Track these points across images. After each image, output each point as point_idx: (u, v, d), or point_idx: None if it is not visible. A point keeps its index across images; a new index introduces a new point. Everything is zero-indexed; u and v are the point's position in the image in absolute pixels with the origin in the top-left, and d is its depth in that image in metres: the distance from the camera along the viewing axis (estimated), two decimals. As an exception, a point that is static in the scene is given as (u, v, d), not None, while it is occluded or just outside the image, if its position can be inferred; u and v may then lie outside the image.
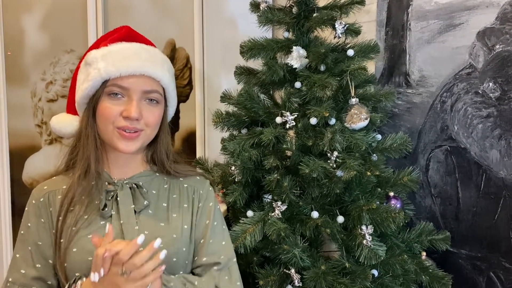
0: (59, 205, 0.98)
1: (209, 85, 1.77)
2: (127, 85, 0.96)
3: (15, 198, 2.15)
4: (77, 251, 0.94)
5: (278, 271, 1.20)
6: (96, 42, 1.07)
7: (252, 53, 1.30)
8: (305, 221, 1.21)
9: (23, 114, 2.08)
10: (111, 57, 0.97)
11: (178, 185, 1.07)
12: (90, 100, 0.99)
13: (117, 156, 1.02)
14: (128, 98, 0.97)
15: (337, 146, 1.17)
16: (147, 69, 0.97)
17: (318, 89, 1.19)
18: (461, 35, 1.34)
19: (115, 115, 0.96)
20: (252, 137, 1.27)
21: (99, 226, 0.97)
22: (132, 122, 0.96)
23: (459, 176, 1.37)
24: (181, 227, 1.02)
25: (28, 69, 2.05)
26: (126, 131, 0.97)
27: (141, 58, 0.98)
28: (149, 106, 0.99)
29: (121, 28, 1.06)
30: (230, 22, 1.74)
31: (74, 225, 0.96)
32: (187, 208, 1.05)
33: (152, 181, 1.05)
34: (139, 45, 1.01)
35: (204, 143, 1.79)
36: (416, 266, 1.27)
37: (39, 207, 1.00)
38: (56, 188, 1.02)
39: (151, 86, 0.99)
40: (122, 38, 1.02)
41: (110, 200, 0.98)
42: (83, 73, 1.00)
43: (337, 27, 1.25)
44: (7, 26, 2.04)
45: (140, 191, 1.01)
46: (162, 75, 1.00)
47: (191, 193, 1.06)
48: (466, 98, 1.35)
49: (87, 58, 1.00)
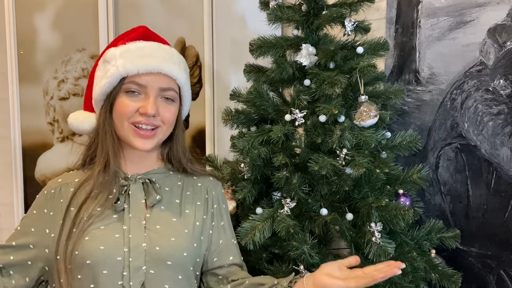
0: (70, 196, 1.01)
1: (219, 83, 1.78)
2: (145, 83, 0.98)
3: (28, 195, 2.18)
4: (89, 239, 0.96)
5: (287, 267, 1.21)
6: (114, 41, 1.09)
7: (261, 51, 1.31)
8: (314, 218, 1.22)
9: (35, 112, 2.11)
10: (129, 55, 0.99)
11: (192, 183, 1.09)
12: (107, 97, 1.01)
13: (133, 152, 1.04)
14: (145, 95, 0.99)
15: (346, 143, 1.18)
16: (164, 67, 1.00)
17: (327, 86, 1.19)
18: (471, 32, 1.34)
19: (131, 111, 0.99)
20: (261, 135, 1.28)
21: (111, 219, 0.99)
22: (149, 118, 0.98)
23: (469, 173, 1.36)
24: (193, 223, 1.03)
25: (40, 67, 2.08)
26: (142, 129, 0.99)
27: (159, 57, 1.00)
28: (165, 103, 1.01)
29: (138, 28, 1.09)
30: (240, 20, 1.74)
31: (88, 217, 0.98)
32: (200, 206, 1.06)
33: (166, 178, 1.07)
34: (157, 44, 1.04)
35: (213, 141, 1.80)
36: (426, 264, 1.27)
37: (47, 198, 1.03)
38: (69, 181, 1.05)
39: (168, 84, 1.01)
40: (139, 37, 1.05)
41: (123, 194, 1.00)
42: (101, 70, 1.02)
43: (347, 24, 1.25)
44: (20, 25, 2.07)
45: (153, 186, 1.02)
46: (178, 73, 1.03)
47: (205, 192, 1.09)
48: (477, 95, 1.34)
49: (105, 56, 1.02)
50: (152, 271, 0.96)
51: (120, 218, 0.99)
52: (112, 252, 0.95)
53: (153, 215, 1.00)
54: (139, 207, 1.00)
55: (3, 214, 2.38)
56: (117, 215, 0.99)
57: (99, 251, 0.95)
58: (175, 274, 0.98)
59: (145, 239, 0.97)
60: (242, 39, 1.57)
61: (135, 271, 0.95)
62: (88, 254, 0.95)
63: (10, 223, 2.31)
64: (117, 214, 0.99)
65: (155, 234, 0.98)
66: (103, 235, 0.97)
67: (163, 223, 1.00)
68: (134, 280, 0.94)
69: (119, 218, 0.99)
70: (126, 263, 0.94)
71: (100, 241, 0.96)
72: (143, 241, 0.97)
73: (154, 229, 0.99)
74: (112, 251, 0.95)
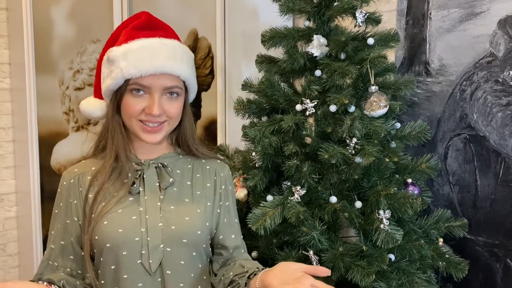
0: (88, 184, 1.05)
1: (230, 74, 1.81)
2: (148, 84, 1.00)
3: (44, 183, 2.23)
4: (108, 223, 1.01)
5: (297, 253, 1.24)
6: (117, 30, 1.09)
7: (273, 42, 1.33)
8: (324, 206, 1.24)
9: (51, 101, 2.16)
10: (131, 56, 0.99)
11: (201, 166, 1.13)
12: (114, 94, 1.04)
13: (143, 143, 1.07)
14: (150, 95, 1.01)
15: (356, 132, 1.20)
16: (167, 68, 1.00)
17: (338, 77, 1.21)
18: (482, 23, 1.34)
19: (137, 111, 1.01)
20: (272, 124, 1.31)
21: (128, 202, 1.04)
22: (154, 117, 1.01)
23: (477, 164, 1.38)
24: (204, 204, 1.08)
25: (56, 58, 2.12)
26: (149, 125, 1.02)
27: (161, 56, 1.00)
28: (169, 100, 1.03)
29: (141, 14, 1.07)
30: (251, 12, 1.76)
31: (106, 202, 1.02)
32: (210, 187, 1.11)
33: (177, 162, 1.11)
34: (159, 41, 1.02)
35: (224, 131, 1.83)
36: (433, 252, 1.29)
37: (68, 189, 1.07)
38: (85, 170, 1.09)
39: (172, 82, 1.02)
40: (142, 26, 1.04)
41: (138, 179, 1.05)
42: (106, 68, 1.04)
43: (358, 16, 1.26)
44: (36, 17, 2.11)
45: (166, 169, 1.07)
46: (181, 70, 1.03)
47: (213, 174, 1.12)
48: (486, 87, 1.35)
49: (109, 55, 1.03)
50: (168, 248, 1.01)
51: (136, 200, 1.03)
52: (130, 233, 1.00)
53: (167, 196, 1.05)
54: (154, 189, 1.05)
55: (20, 202, 2.45)
56: (133, 197, 1.04)
57: (117, 233, 1.00)
58: (190, 251, 1.04)
59: (161, 219, 1.02)
60: (254, 30, 1.59)
61: (154, 249, 1.00)
62: (108, 238, 1.00)
63: (26, 210, 2.38)
64: (133, 197, 1.04)
65: (170, 214, 1.03)
66: (120, 218, 1.01)
67: (177, 204, 1.05)
68: (153, 258, 0.99)
69: (135, 200, 1.03)
70: (144, 243, 1.00)
71: (119, 224, 1.00)
72: (160, 221, 1.02)
73: (168, 209, 1.03)
74: (130, 233, 1.00)
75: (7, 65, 2.35)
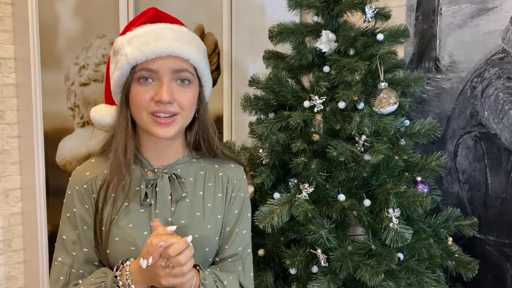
0: (98, 190, 0.99)
1: (237, 70, 1.79)
2: (155, 67, 0.94)
3: (49, 179, 2.23)
4: (120, 240, 0.97)
5: (304, 251, 1.23)
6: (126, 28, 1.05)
7: (281, 38, 1.31)
8: (332, 204, 1.23)
9: (56, 97, 2.15)
10: (136, 41, 0.94)
11: (213, 173, 1.06)
12: (122, 88, 0.98)
13: (156, 142, 1.01)
14: (158, 81, 0.95)
15: (365, 130, 1.18)
16: (173, 49, 0.94)
17: (347, 73, 1.19)
18: (494, 19, 1.32)
19: (146, 101, 0.94)
20: (280, 121, 1.29)
21: (138, 214, 0.99)
22: (165, 106, 0.94)
23: (488, 162, 1.36)
24: (215, 218, 1.03)
25: (61, 53, 2.11)
26: (161, 117, 0.95)
27: (166, 38, 0.94)
28: (180, 87, 0.96)
29: (148, 11, 1.03)
30: (258, 7, 1.74)
31: (115, 213, 0.97)
32: (221, 198, 1.05)
33: (190, 167, 1.05)
34: (164, 25, 0.97)
35: (231, 127, 1.81)
36: (442, 251, 1.27)
37: (82, 194, 1.00)
38: (97, 174, 1.01)
39: (180, 65, 0.95)
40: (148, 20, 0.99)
41: (150, 188, 0.99)
42: (113, 62, 0.99)
43: (367, 11, 1.25)
44: (42, 12, 2.10)
45: (179, 181, 1.01)
46: (190, 53, 0.96)
47: (225, 182, 1.06)
48: (498, 84, 1.33)
49: (114, 46, 0.98)
50: None
51: (146, 213, 0.98)
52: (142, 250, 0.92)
53: (177, 209, 1.00)
54: (165, 202, 1.00)
55: (25, 197, 2.44)
56: (143, 209, 0.98)
57: (130, 251, 0.96)
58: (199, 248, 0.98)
59: None
60: (261, 26, 1.57)
61: None
62: (120, 255, 0.96)
63: (32, 206, 2.37)
64: (143, 209, 0.98)
65: (181, 230, 0.97)
66: (132, 235, 0.96)
67: (187, 218, 1.00)
68: None
69: (146, 214, 0.98)
70: None
71: (130, 242, 0.96)
72: None
73: (179, 224, 0.98)
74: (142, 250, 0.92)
75: (12, 60, 2.34)
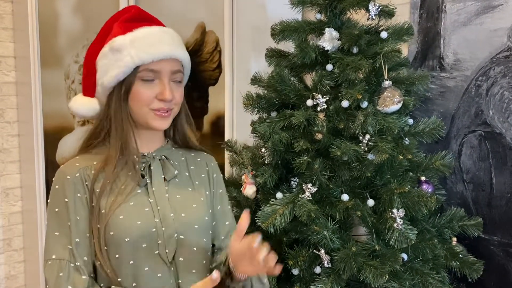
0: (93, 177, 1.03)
1: (238, 68, 1.78)
2: (158, 69, 1.03)
3: (49, 178, 2.22)
4: (124, 217, 1.00)
5: (308, 252, 1.22)
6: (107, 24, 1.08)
7: (283, 35, 1.30)
8: (335, 204, 1.21)
9: (56, 95, 2.14)
10: (140, 44, 1.02)
11: (193, 159, 1.15)
12: (119, 86, 1.03)
13: (144, 132, 1.08)
14: (160, 80, 1.03)
15: (369, 129, 1.17)
16: (174, 52, 1.04)
17: (350, 71, 1.18)
18: (499, 17, 1.30)
19: (150, 98, 1.03)
20: (282, 120, 1.27)
21: (137, 194, 1.03)
22: (166, 103, 1.03)
23: (493, 161, 1.34)
24: (204, 193, 1.12)
25: (61, 51, 2.10)
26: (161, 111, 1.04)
27: (167, 42, 1.04)
28: (175, 86, 1.06)
29: (130, 8, 1.09)
30: (260, 5, 1.73)
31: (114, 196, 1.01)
32: (205, 178, 1.14)
33: (172, 154, 1.13)
34: (159, 29, 1.06)
35: (232, 126, 1.80)
36: (447, 252, 1.26)
37: (74, 183, 1.03)
38: (87, 164, 1.05)
39: (177, 66, 1.06)
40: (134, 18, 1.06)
41: (144, 171, 1.06)
42: (110, 59, 1.03)
43: (371, 8, 1.23)
44: (42, 10, 2.09)
45: (169, 161, 1.09)
46: (184, 56, 1.07)
47: (205, 166, 1.16)
48: (503, 82, 1.31)
49: (113, 44, 1.02)
50: (182, 236, 1.04)
51: (144, 192, 1.04)
52: (147, 225, 1.01)
53: (171, 187, 1.07)
54: (160, 181, 1.07)
55: (25, 196, 2.44)
56: (141, 190, 1.04)
57: (136, 226, 1.00)
58: (201, 237, 1.07)
59: (171, 208, 1.05)
60: (262, 24, 1.56)
61: (169, 238, 1.02)
62: (126, 232, 0.99)
63: (31, 205, 2.37)
64: (141, 189, 1.04)
65: (178, 203, 1.06)
66: (136, 211, 1.01)
67: (181, 193, 1.08)
68: (169, 247, 1.02)
69: (144, 192, 1.04)
70: (160, 233, 1.01)
71: (135, 217, 1.01)
72: (170, 210, 1.04)
73: (175, 199, 1.06)
74: (147, 224, 1.01)
75: (12, 59, 2.33)
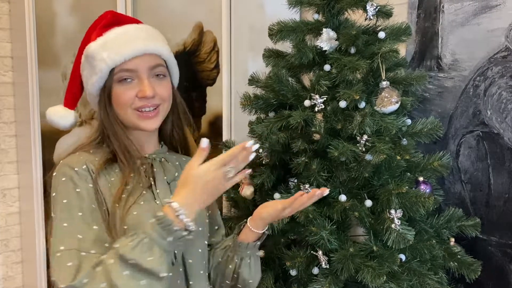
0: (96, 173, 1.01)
1: (236, 68, 1.78)
2: (134, 67, 1.01)
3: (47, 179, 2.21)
4: (138, 214, 0.99)
5: (305, 253, 1.21)
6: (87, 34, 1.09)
7: (281, 36, 1.29)
8: (333, 205, 1.21)
9: (54, 96, 2.13)
10: (111, 45, 1.01)
11: (184, 161, 1.14)
12: (102, 91, 1.03)
13: (139, 135, 1.08)
14: (138, 79, 1.02)
15: (367, 129, 1.16)
16: (148, 47, 1.02)
17: (348, 71, 1.18)
18: (497, 17, 1.30)
19: (131, 98, 1.02)
20: (280, 120, 1.27)
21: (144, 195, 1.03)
22: (149, 100, 1.02)
23: (491, 162, 1.34)
24: None
25: (59, 52, 2.09)
26: (146, 111, 1.02)
27: (140, 38, 1.02)
28: (158, 81, 1.04)
29: (106, 14, 1.09)
30: (258, 5, 1.72)
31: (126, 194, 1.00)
32: None
33: (168, 156, 1.13)
34: (132, 26, 1.05)
35: (230, 127, 1.80)
36: (445, 252, 1.26)
37: (84, 174, 1.01)
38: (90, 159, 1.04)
39: (155, 61, 1.04)
40: (111, 23, 1.05)
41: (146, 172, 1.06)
42: (87, 68, 1.04)
43: (368, 9, 1.23)
44: (39, 10, 2.08)
45: (170, 163, 1.09)
46: (161, 49, 1.05)
47: None
48: (501, 82, 1.31)
49: (87, 52, 1.03)
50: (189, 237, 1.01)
51: (150, 194, 1.04)
52: None
53: (173, 189, 1.06)
54: (163, 183, 1.07)
55: (23, 197, 2.43)
56: (146, 191, 1.04)
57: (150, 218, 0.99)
58: (203, 239, 1.09)
59: None
60: (260, 24, 1.55)
61: None
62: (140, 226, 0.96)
63: (29, 205, 2.36)
64: (146, 191, 1.04)
65: None
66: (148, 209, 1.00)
67: None
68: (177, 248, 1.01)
69: (150, 194, 1.04)
70: None
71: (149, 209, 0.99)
72: None
73: None
74: None
75: (9, 59, 2.32)
